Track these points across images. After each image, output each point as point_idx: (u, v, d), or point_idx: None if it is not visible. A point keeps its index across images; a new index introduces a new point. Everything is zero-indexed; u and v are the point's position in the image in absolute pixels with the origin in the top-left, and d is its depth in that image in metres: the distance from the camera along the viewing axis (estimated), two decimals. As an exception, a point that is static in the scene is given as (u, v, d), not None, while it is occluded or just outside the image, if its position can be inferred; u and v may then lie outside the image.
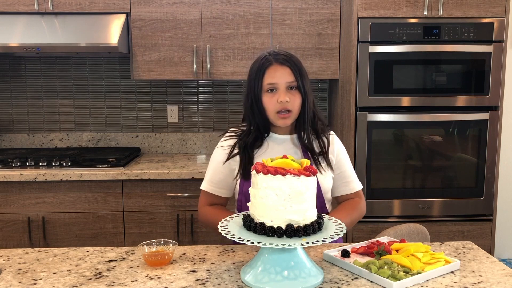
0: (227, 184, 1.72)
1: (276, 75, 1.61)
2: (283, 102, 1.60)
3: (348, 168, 1.78)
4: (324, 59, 2.96)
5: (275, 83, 1.61)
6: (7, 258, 1.49)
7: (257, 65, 1.65)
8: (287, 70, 1.62)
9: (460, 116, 2.73)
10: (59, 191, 2.68)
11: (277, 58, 1.63)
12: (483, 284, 1.29)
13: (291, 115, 1.64)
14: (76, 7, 2.84)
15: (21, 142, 3.33)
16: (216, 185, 1.72)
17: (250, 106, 1.67)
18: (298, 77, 1.62)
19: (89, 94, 3.32)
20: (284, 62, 1.62)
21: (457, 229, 2.79)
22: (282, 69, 1.62)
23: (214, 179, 1.73)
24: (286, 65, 1.62)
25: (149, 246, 1.46)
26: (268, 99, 1.63)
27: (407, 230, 1.85)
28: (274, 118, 1.64)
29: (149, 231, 2.73)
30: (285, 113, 1.62)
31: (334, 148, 1.76)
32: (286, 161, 1.31)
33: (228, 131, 1.77)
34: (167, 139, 3.36)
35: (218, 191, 1.73)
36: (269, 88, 1.62)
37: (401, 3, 2.64)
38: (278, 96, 1.61)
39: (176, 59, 2.92)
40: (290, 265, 1.27)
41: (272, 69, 1.62)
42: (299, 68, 1.64)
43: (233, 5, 2.90)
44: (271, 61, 1.63)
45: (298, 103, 1.64)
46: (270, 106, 1.62)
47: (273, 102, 1.62)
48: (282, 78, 1.61)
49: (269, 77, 1.62)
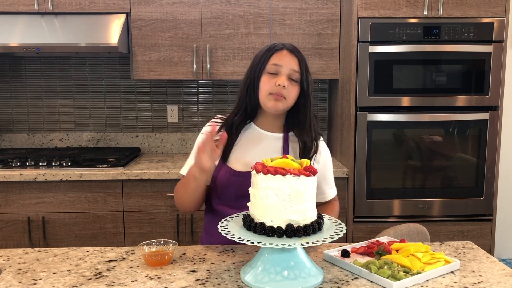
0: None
1: (284, 59, 1.59)
2: (281, 85, 1.56)
3: (328, 177, 1.75)
4: (324, 59, 2.96)
5: (280, 65, 1.58)
6: (7, 258, 1.49)
7: (266, 48, 1.63)
8: (295, 59, 1.60)
9: (460, 116, 2.73)
10: (59, 191, 2.68)
11: (288, 47, 1.62)
12: (483, 284, 1.29)
13: (284, 101, 1.59)
14: (76, 7, 2.84)
15: (21, 142, 3.33)
16: None
17: (247, 85, 1.63)
18: (303, 71, 1.60)
19: (89, 94, 3.32)
20: (294, 51, 1.61)
21: (457, 229, 2.79)
22: (290, 56, 1.60)
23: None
24: (295, 55, 1.61)
25: (149, 246, 1.46)
26: (266, 79, 1.59)
27: (407, 230, 1.85)
28: (266, 99, 1.59)
29: (149, 231, 2.73)
30: (278, 96, 1.58)
31: (321, 157, 1.72)
32: (286, 161, 1.31)
33: (214, 118, 1.73)
34: (167, 139, 3.36)
35: None
36: (272, 69, 1.59)
37: (401, 3, 2.64)
38: (278, 79, 1.57)
39: (176, 59, 2.92)
40: (290, 265, 1.27)
41: (281, 53, 1.60)
42: (306, 65, 1.63)
43: (233, 5, 2.90)
44: (282, 47, 1.61)
45: (294, 95, 1.60)
46: (266, 86, 1.58)
47: (271, 84, 1.58)
48: (288, 63, 1.59)
49: (276, 58, 1.59)
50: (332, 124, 3.23)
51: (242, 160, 1.63)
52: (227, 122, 1.67)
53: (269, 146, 1.67)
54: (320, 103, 3.39)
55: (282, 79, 1.57)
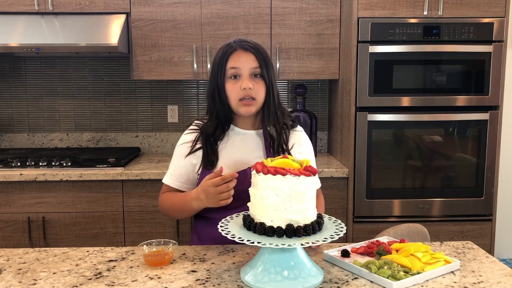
0: (188, 179, 1.69)
1: (240, 60, 1.57)
2: (246, 88, 1.55)
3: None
4: (324, 59, 2.96)
5: (238, 67, 1.57)
6: (7, 258, 1.49)
7: (221, 52, 1.61)
8: (251, 56, 1.58)
9: (460, 116, 2.73)
10: (59, 191, 2.68)
11: (242, 45, 1.59)
12: (483, 284, 1.29)
13: (254, 103, 1.59)
14: (76, 7, 2.84)
15: (21, 142, 3.33)
16: (177, 179, 1.69)
17: (212, 94, 1.62)
18: (262, 65, 1.58)
19: (89, 94, 3.32)
20: (248, 48, 1.58)
21: (457, 229, 2.79)
22: (246, 55, 1.58)
23: (175, 172, 1.70)
24: (251, 52, 1.58)
25: (149, 246, 1.46)
26: (231, 86, 1.58)
27: (407, 230, 1.85)
28: (237, 106, 1.59)
29: (149, 231, 2.73)
30: (248, 100, 1.57)
31: (302, 146, 1.72)
32: (286, 161, 1.31)
33: (192, 124, 1.74)
34: (167, 139, 3.36)
35: (179, 185, 1.69)
36: (232, 73, 1.57)
37: (401, 3, 2.64)
38: (241, 82, 1.56)
39: (176, 59, 2.92)
40: (290, 265, 1.27)
41: (236, 55, 1.58)
42: (264, 56, 1.60)
43: (233, 5, 2.90)
44: (235, 47, 1.59)
45: (262, 92, 1.59)
46: (233, 93, 1.58)
47: (236, 89, 1.57)
48: (245, 63, 1.57)
49: (232, 61, 1.57)
50: (332, 124, 3.23)
51: (228, 163, 1.63)
52: (203, 131, 1.67)
53: (252, 144, 1.67)
54: (320, 103, 3.39)
55: (245, 82, 1.56)
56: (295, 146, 1.70)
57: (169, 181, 1.71)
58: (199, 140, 1.67)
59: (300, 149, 1.71)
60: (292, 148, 1.70)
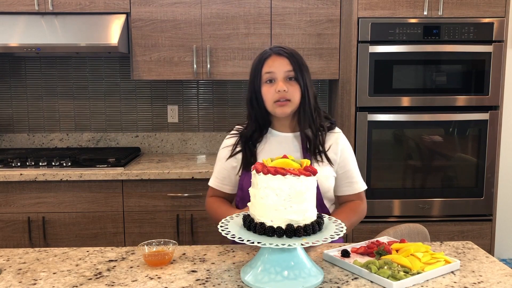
0: (231, 181, 1.78)
1: (274, 65, 1.65)
2: (281, 90, 1.62)
3: (352, 167, 1.77)
4: (324, 59, 2.96)
5: (272, 71, 1.64)
6: (7, 258, 1.49)
7: (257, 59, 1.70)
8: (285, 60, 1.65)
9: (460, 116, 2.73)
10: (59, 191, 2.68)
11: (276, 50, 1.67)
12: (483, 284, 1.29)
13: (289, 104, 1.65)
14: (76, 7, 2.84)
15: (21, 142, 3.33)
16: (221, 181, 1.80)
17: (250, 99, 1.70)
18: (296, 68, 1.65)
19: (89, 94, 3.32)
20: (282, 53, 1.66)
21: (457, 229, 2.79)
22: (280, 59, 1.65)
23: (219, 175, 1.80)
24: (284, 56, 1.65)
25: (149, 246, 1.46)
26: (266, 89, 1.65)
27: (407, 230, 1.85)
28: (273, 107, 1.66)
29: (149, 231, 2.73)
30: (283, 101, 1.64)
31: (339, 147, 1.75)
32: (286, 161, 1.31)
33: (233, 129, 1.82)
34: (167, 139, 3.36)
35: (223, 187, 1.80)
36: (268, 78, 1.65)
37: (401, 3, 2.64)
38: (276, 85, 1.63)
39: (176, 59, 2.92)
40: (290, 265, 1.27)
41: (270, 60, 1.66)
42: (298, 60, 1.67)
43: (233, 5, 2.90)
44: (270, 53, 1.67)
45: (297, 94, 1.65)
46: (269, 95, 1.65)
47: (272, 92, 1.64)
48: (280, 67, 1.64)
49: (267, 67, 1.65)
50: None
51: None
52: (243, 135, 1.74)
53: (289, 146, 1.72)
54: (320, 103, 3.38)
55: (280, 84, 1.63)
56: (332, 147, 1.73)
57: (214, 183, 1.82)
58: (238, 144, 1.75)
59: (337, 151, 1.74)
60: (329, 150, 1.73)
